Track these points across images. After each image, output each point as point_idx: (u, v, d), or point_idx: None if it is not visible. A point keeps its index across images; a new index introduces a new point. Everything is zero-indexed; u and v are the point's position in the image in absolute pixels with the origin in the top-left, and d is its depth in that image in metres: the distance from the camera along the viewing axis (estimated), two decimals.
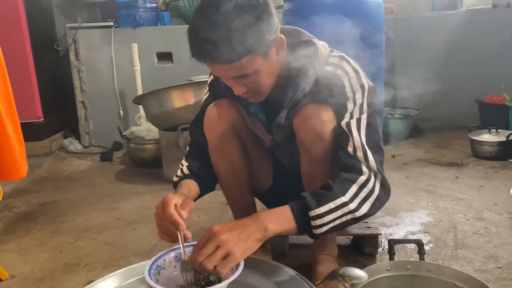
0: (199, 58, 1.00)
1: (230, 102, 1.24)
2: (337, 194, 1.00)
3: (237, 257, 0.91)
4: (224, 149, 1.25)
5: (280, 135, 1.22)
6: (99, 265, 1.54)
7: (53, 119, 3.32)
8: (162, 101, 2.31)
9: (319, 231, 0.99)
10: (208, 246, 0.91)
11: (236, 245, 0.91)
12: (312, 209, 0.98)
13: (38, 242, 1.76)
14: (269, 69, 1.04)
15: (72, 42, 3.23)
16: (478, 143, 2.62)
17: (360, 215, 1.01)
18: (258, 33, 0.96)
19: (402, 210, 1.89)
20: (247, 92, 1.06)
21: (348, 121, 1.08)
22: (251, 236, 0.93)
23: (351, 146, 1.06)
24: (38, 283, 1.43)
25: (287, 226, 0.98)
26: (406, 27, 3.33)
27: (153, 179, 2.53)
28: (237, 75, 1.01)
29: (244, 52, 0.95)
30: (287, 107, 1.14)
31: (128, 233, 1.81)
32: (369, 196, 1.02)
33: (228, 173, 1.29)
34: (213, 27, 0.93)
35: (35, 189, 2.48)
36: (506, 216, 1.78)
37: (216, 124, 1.23)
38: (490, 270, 1.38)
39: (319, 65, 1.11)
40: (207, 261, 0.91)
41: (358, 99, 1.09)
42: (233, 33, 0.92)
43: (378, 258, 1.49)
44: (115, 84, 3.28)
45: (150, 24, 3.28)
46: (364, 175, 1.03)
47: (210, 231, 0.93)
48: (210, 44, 0.94)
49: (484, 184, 2.19)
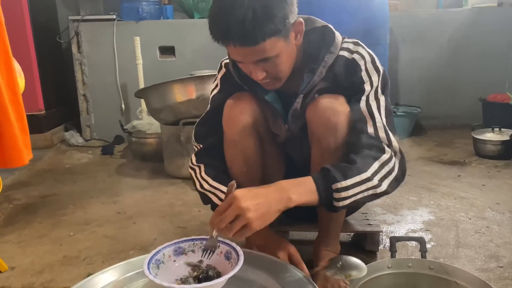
0: (223, 40, 0.99)
1: (251, 96, 1.21)
2: (362, 169, 0.99)
3: (255, 228, 0.91)
4: (242, 144, 1.22)
5: (295, 124, 1.21)
6: (98, 258, 1.54)
7: (54, 112, 3.32)
8: (164, 95, 2.30)
9: (342, 203, 0.98)
10: (229, 213, 0.91)
11: (255, 215, 0.90)
12: (338, 181, 0.96)
13: (38, 234, 1.75)
14: (288, 53, 1.05)
15: (74, 34, 3.22)
16: (481, 142, 2.61)
17: (381, 191, 1.01)
18: (282, 14, 0.96)
19: (403, 208, 1.88)
20: (266, 77, 1.06)
21: (368, 104, 1.08)
22: (272, 206, 0.93)
23: (372, 127, 1.06)
24: (38, 275, 1.43)
25: (310, 197, 0.96)
26: (411, 24, 3.31)
27: (154, 173, 2.52)
28: (259, 58, 1.00)
29: (269, 33, 0.95)
30: (303, 92, 1.13)
31: (128, 226, 1.80)
32: (389, 174, 1.02)
33: (242, 169, 1.25)
34: (239, 8, 0.93)
35: (35, 181, 2.47)
36: (509, 215, 1.77)
37: (238, 118, 1.19)
38: (491, 269, 1.37)
39: (336, 49, 1.12)
40: (227, 230, 0.91)
41: (374, 82, 1.10)
42: (259, 14, 0.93)
43: (379, 256, 1.48)
44: (117, 77, 3.27)
45: (153, 18, 3.27)
46: (386, 154, 1.03)
47: (233, 196, 0.92)
48: (236, 26, 0.94)
49: (486, 183, 2.18)
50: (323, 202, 0.98)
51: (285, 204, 0.94)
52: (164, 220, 1.84)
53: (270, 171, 1.36)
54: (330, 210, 1.01)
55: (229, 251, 1.01)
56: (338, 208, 0.99)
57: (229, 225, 0.91)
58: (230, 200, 0.92)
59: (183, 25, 3.24)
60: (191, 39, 3.18)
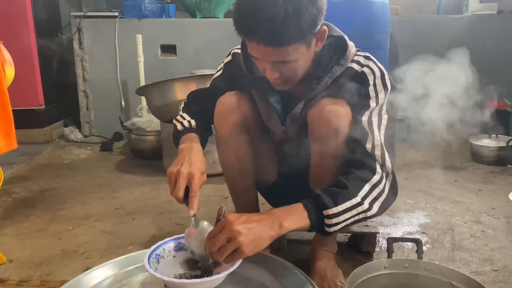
0: (249, 36, 0.97)
1: (242, 94, 1.23)
2: (352, 194, 0.98)
3: (246, 253, 0.90)
4: (233, 142, 1.25)
5: (293, 127, 1.22)
6: (97, 253, 1.54)
7: (54, 107, 3.32)
8: (165, 92, 2.31)
9: (333, 229, 0.97)
10: (221, 236, 0.90)
11: (247, 239, 0.89)
12: (329, 207, 0.95)
13: (36, 228, 1.76)
14: (306, 59, 1.05)
15: (76, 30, 3.23)
16: (478, 147, 2.63)
17: (371, 215, 1.01)
18: (312, 21, 0.95)
19: (400, 211, 1.90)
20: (279, 78, 1.06)
21: (369, 119, 1.07)
22: (265, 232, 0.91)
23: (370, 143, 1.04)
24: (36, 268, 1.44)
25: (301, 223, 0.95)
26: (411, 29, 3.33)
27: (153, 170, 2.53)
28: (278, 60, 1.00)
29: (296, 39, 0.94)
30: (306, 99, 1.14)
31: (127, 222, 1.81)
32: (379, 196, 1.01)
33: (235, 166, 1.29)
34: (272, 6, 0.91)
35: (34, 176, 2.48)
36: (504, 220, 1.79)
37: (228, 116, 1.22)
38: (486, 272, 1.39)
39: (346, 62, 1.11)
40: (219, 254, 0.91)
41: (380, 99, 1.09)
42: (290, 17, 0.91)
43: (376, 257, 1.50)
44: (117, 74, 3.28)
45: (155, 16, 3.28)
46: (377, 175, 1.02)
47: (226, 220, 0.92)
48: (265, 24, 0.92)
49: (482, 188, 2.20)
50: (315, 228, 0.97)
51: (277, 231, 0.93)
52: (163, 216, 1.85)
53: (263, 169, 1.37)
54: (323, 235, 1.01)
55: None
56: (330, 233, 0.99)
57: (220, 249, 0.91)
58: (223, 224, 0.92)
59: (185, 24, 3.25)
60: (193, 38, 3.19)
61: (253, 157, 1.30)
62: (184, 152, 1.10)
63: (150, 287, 1.05)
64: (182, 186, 1.02)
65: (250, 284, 1.05)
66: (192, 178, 1.02)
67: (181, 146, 1.14)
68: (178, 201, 1.04)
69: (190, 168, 1.03)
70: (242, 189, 1.35)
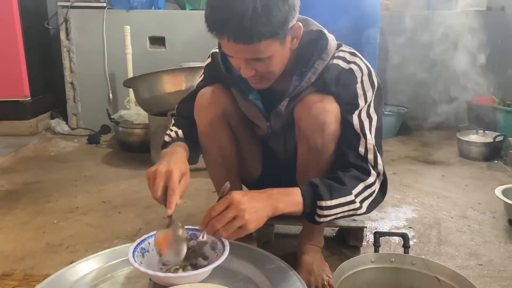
0: (218, 33, 0.96)
1: (222, 88, 1.22)
2: (348, 191, 1.01)
3: (250, 230, 0.92)
4: (214, 135, 1.24)
5: (277, 123, 1.21)
6: (82, 246, 1.52)
7: (40, 98, 3.27)
8: (153, 85, 2.28)
9: (322, 219, 1.00)
10: (228, 213, 0.91)
11: (252, 217, 0.91)
12: (324, 200, 0.98)
13: (20, 221, 1.73)
14: (281, 56, 1.03)
15: (63, 21, 3.17)
16: (465, 143, 2.65)
17: (360, 213, 1.05)
18: (283, 17, 0.93)
19: (388, 205, 1.91)
20: (255, 76, 1.04)
21: (360, 121, 1.08)
22: (264, 211, 0.94)
23: (363, 146, 1.07)
24: (19, 262, 1.41)
25: (295, 208, 0.98)
26: (401, 25, 3.33)
27: (141, 163, 2.51)
28: (251, 57, 0.99)
29: (266, 35, 0.93)
30: (290, 96, 1.13)
31: (113, 216, 1.79)
32: (370, 196, 1.05)
33: (217, 159, 1.28)
34: (241, 2, 0.90)
35: (19, 168, 2.44)
36: (489, 215, 1.81)
37: (207, 109, 1.21)
38: (471, 266, 1.40)
39: (327, 57, 1.09)
40: (224, 230, 0.92)
41: (368, 97, 1.09)
42: (259, 13, 0.90)
43: (363, 251, 1.50)
44: (105, 66, 3.23)
45: (144, 7, 3.24)
46: (372, 177, 1.06)
47: (232, 197, 0.92)
48: (233, 20, 0.91)
49: (469, 183, 2.22)
50: (306, 215, 1.00)
51: (273, 211, 0.95)
52: (150, 210, 1.84)
53: (248, 163, 1.37)
54: (310, 222, 1.03)
55: (215, 242, 1.01)
56: (319, 222, 1.01)
57: (226, 225, 0.91)
58: (228, 201, 0.92)
59: (174, 16, 3.22)
60: (182, 30, 3.16)
61: (235, 150, 1.29)
62: (166, 156, 1.08)
63: (135, 281, 1.04)
64: (160, 185, 0.99)
65: (236, 277, 1.04)
66: (170, 176, 1.00)
67: (164, 151, 1.13)
68: (159, 202, 1.02)
69: (168, 167, 1.01)
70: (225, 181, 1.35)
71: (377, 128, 1.11)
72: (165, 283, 0.93)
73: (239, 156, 1.32)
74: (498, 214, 1.81)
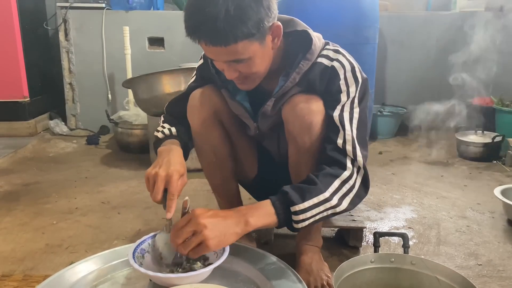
0: (194, 37, 0.96)
1: (213, 89, 1.22)
2: (320, 190, 0.98)
3: (210, 248, 0.90)
4: (207, 135, 1.24)
5: (265, 123, 1.21)
6: (82, 247, 1.52)
7: (39, 99, 3.27)
8: (152, 85, 2.28)
9: (300, 225, 0.98)
10: (186, 229, 0.91)
11: (212, 234, 0.89)
12: (295, 204, 0.96)
13: (19, 222, 1.73)
14: (263, 56, 1.03)
15: (62, 22, 3.17)
16: (464, 143, 2.66)
17: (340, 210, 1.01)
18: (257, 17, 0.93)
19: (387, 206, 1.91)
20: (238, 77, 1.04)
21: (341, 114, 1.07)
22: (230, 228, 0.92)
23: (341, 138, 1.05)
24: (19, 263, 1.41)
25: (268, 220, 0.96)
26: (400, 25, 3.34)
27: (140, 164, 2.51)
28: (231, 59, 0.99)
29: (241, 36, 0.93)
30: (276, 96, 1.13)
31: (112, 216, 1.79)
32: (349, 192, 1.02)
33: (212, 159, 1.29)
34: (213, 6, 0.90)
35: (18, 169, 2.44)
36: (488, 215, 1.81)
37: (199, 110, 1.21)
38: (470, 266, 1.40)
39: (312, 57, 1.10)
40: (182, 247, 0.91)
41: (351, 93, 1.08)
42: (232, 15, 0.90)
43: (362, 251, 1.50)
44: (104, 67, 3.23)
45: (143, 8, 3.24)
46: (347, 171, 1.02)
47: (192, 213, 0.92)
48: (207, 24, 0.91)
49: (468, 183, 2.22)
50: (283, 224, 0.98)
51: (243, 228, 0.93)
52: (149, 211, 1.84)
53: (243, 163, 1.37)
54: (292, 231, 1.01)
55: None
56: (299, 229, 0.99)
57: (186, 243, 0.91)
58: (189, 217, 0.92)
59: (173, 16, 3.22)
60: (181, 31, 3.10)
61: (229, 150, 1.30)
62: (163, 154, 1.08)
63: (135, 281, 1.04)
64: (160, 189, 1.01)
65: (236, 278, 1.04)
66: (170, 180, 1.01)
67: (160, 149, 1.13)
68: (158, 203, 1.03)
69: (168, 170, 1.02)
70: (221, 181, 1.35)
71: (360, 121, 1.08)
72: (166, 284, 0.93)
73: (233, 155, 1.32)
74: (497, 214, 1.81)
